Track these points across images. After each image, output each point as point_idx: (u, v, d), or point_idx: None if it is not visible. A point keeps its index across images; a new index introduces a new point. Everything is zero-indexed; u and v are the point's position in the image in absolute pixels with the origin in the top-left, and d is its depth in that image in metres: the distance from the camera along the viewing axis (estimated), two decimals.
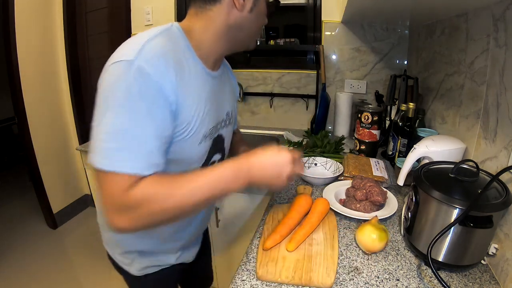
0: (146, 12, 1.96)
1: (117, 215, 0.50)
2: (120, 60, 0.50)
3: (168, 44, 0.55)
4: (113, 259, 0.80)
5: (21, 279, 1.83)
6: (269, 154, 0.59)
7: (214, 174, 0.55)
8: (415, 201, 0.67)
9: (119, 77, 0.49)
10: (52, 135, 2.28)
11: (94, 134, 0.50)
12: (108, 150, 0.49)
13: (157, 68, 0.50)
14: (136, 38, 0.54)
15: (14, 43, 1.91)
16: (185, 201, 0.53)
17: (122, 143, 0.49)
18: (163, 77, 0.51)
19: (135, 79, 0.48)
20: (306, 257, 0.66)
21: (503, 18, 0.67)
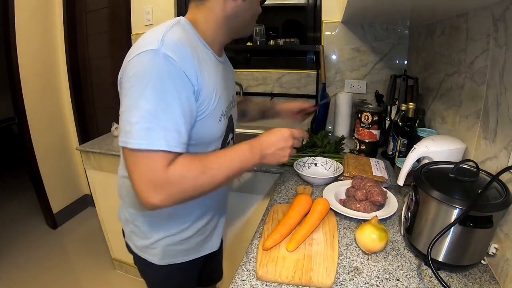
0: (146, 12, 1.96)
1: (154, 192, 0.54)
2: (145, 50, 0.55)
3: (183, 34, 0.61)
4: (135, 252, 0.82)
5: (21, 279, 1.83)
6: (273, 133, 0.70)
7: (235, 153, 0.65)
8: (415, 201, 0.67)
9: (149, 64, 0.54)
10: (52, 135, 2.28)
11: (126, 118, 0.55)
12: (145, 130, 0.53)
13: (180, 55, 0.56)
14: (153, 31, 0.60)
15: (14, 43, 1.91)
16: (215, 176, 0.61)
17: (157, 123, 0.54)
18: (186, 62, 0.57)
19: (163, 65, 0.54)
20: (306, 257, 0.66)
21: (503, 18, 0.67)
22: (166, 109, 0.55)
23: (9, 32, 1.88)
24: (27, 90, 2.02)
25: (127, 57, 0.59)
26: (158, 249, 0.78)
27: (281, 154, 0.70)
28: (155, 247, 0.78)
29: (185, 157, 0.58)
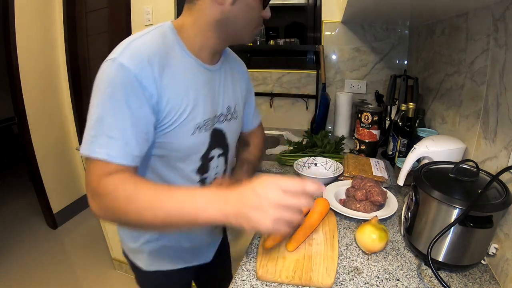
0: (146, 12, 1.96)
1: (91, 199, 0.54)
2: (108, 59, 0.54)
3: (154, 41, 0.58)
4: (127, 254, 0.81)
5: (21, 279, 1.83)
6: (253, 182, 0.49)
7: (184, 193, 0.51)
8: (415, 201, 0.67)
9: (103, 73, 0.54)
10: (52, 135, 2.28)
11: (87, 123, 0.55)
12: (89, 137, 0.53)
13: (136, 63, 0.53)
14: (125, 40, 0.58)
15: (14, 43, 1.91)
16: (142, 212, 0.50)
17: (100, 130, 0.52)
18: (142, 70, 0.54)
19: (115, 73, 0.53)
20: (306, 257, 0.66)
21: (503, 18, 0.67)
22: (113, 118, 0.52)
23: (9, 32, 1.88)
24: (27, 90, 2.02)
25: None
26: (145, 253, 0.77)
27: (256, 214, 0.46)
28: (142, 250, 0.77)
29: (126, 176, 0.53)
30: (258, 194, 0.46)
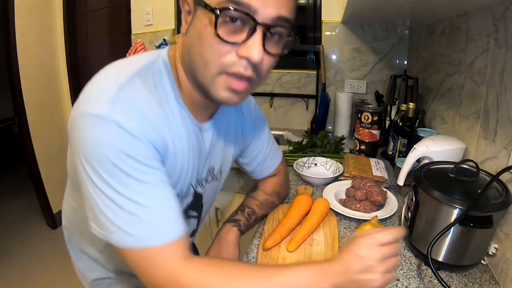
0: (146, 12, 1.96)
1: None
2: (92, 112, 0.41)
3: (147, 88, 0.46)
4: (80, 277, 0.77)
5: (21, 279, 1.83)
6: (351, 248, 0.49)
7: (290, 275, 0.47)
8: (415, 201, 0.67)
9: (100, 138, 0.41)
10: (52, 135, 2.28)
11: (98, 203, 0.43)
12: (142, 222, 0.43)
13: (138, 123, 0.43)
14: (106, 81, 0.45)
15: (14, 43, 1.91)
16: None
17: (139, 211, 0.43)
18: (148, 131, 0.44)
19: (119, 140, 0.41)
20: (306, 258, 0.66)
21: (503, 18, 0.67)
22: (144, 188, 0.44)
23: (9, 32, 1.88)
24: (27, 90, 2.02)
25: (76, 106, 0.43)
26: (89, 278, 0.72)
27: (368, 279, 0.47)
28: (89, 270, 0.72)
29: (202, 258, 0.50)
30: (362, 257, 0.47)
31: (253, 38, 0.43)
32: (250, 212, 0.77)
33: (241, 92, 0.47)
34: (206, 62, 0.45)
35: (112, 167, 0.41)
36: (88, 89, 0.45)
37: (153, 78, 0.48)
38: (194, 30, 0.46)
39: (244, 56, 0.43)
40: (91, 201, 0.43)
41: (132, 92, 0.44)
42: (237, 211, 0.78)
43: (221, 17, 0.41)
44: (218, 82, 0.46)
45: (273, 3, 0.42)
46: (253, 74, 0.46)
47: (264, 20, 0.42)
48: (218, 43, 0.43)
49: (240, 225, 0.74)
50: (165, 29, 1.93)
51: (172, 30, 1.93)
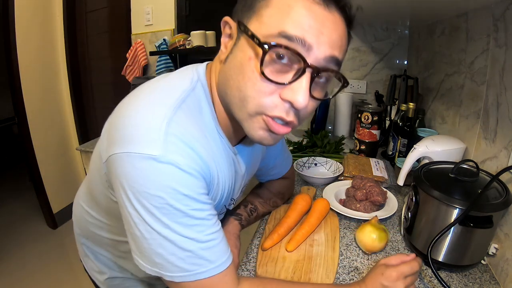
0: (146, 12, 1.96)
1: None
2: (145, 155, 0.38)
3: (191, 118, 0.44)
4: (88, 272, 0.77)
5: (21, 279, 1.83)
6: (378, 277, 0.52)
7: None
8: (415, 201, 0.67)
9: (156, 180, 0.39)
10: (52, 135, 2.28)
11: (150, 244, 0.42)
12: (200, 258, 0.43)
13: (192, 159, 0.41)
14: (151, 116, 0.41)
15: (14, 43, 1.91)
16: None
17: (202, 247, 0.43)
18: (200, 165, 0.43)
19: (176, 181, 0.40)
20: (306, 258, 0.66)
21: (503, 18, 0.67)
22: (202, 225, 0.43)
23: (9, 32, 1.88)
24: (27, 90, 2.02)
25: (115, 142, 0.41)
26: (103, 277, 0.73)
27: None
28: (101, 272, 0.73)
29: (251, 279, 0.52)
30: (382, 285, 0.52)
31: (300, 81, 0.40)
32: (252, 208, 0.78)
33: (279, 135, 0.45)
34: (244, 98, 0.42)
35: (169, 207, 0.40)
36: (127, 124, 0.41)
37: (195, 107, 0.46)
38: (235, 61, 0.43)
39: (288, 100, 0.40)
40: (141, 239, 0.42)
41: (181, 126, 0.41)
42: (240, 205, 0.78)
43: (270, 53, 0.39)
44: (255, 121, 0.44)
45: (328, 40, 0.40)
46: (295, 119, 0.43)
47: (315, 61, 0.40)
48: (262, 81, 0.40)
49: (242, 220, 0.74)
50: (165, 29, 1.93)
51: (172, 30, 1.93)
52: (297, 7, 0.38)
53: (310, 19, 0.38)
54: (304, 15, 0.38)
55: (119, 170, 0.40)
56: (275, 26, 0.39)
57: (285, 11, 0.39)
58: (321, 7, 0.39)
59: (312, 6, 0.39)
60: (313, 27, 0.38)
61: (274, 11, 0.39)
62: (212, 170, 0.46)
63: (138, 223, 0.41)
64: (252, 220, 0.78)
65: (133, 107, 0.42)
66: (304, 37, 0.38)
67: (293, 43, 0.38)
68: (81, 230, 0.70)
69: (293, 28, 0.38)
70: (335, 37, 0.40)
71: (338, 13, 0.41)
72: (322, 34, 0.39)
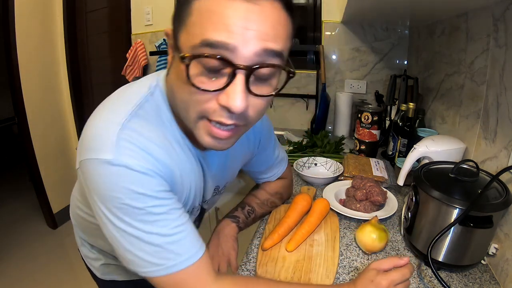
0: (146, 12, 1.96)
1: None
2: (99, 159, 0.41)
3: (147, 122, 0.46)
4: (83, 258, 0.78)
5: (21, 279, 1.83)
6: (368, 285, 0.52)
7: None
8: (415, 201, 0.67)
9: (111, 183, 0.41)
10: (52, 135, 2.28)
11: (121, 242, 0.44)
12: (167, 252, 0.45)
13: (145, 159, 0.43)
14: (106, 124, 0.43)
15: (14, 43, 1.91)
16: None
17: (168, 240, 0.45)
18: (155, 165, 0.44)
19: (130, 181, 0.42)
20: (306, 258, 0.66)
21: (503, 18, 0.67)
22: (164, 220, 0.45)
23: (9, 32, 1.88)
24: (27, 90, 2.02)
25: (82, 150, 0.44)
26: (98, 263, 0.74)
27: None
28: (96, 259, 0.74)
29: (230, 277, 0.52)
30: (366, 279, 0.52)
31: (233, 85, 0.38)
32: (250, 210, 0.78)
33: (226, 139, 0.45)
34: (186, 108, 0.43)
35: (128, 207, 0.42)
36: (89, 133, 0.44)
37: (153, 112, 0.47)
38: (175, 73, 0.43)
39: (224, 105, 0.39)
40: (113, 239, 0.45)
41: (134, 130, 0.43)
42: (237, 207, 0.78)
43: (194, 64, 0.38)
44: (200, 127, 0.44)
45: (257, 34, 0.37)
46: (239, 121, 0.43)
47: (246, 59, 0.38)
48: (196, 91, 0.39)
49: (239, 222, 0.75)
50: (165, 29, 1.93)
51: None
52: (216, 9, 0.37)
53: (231, 18, 0.36)
54: (225, 15, 0.36)
55: (85, 176, 0.44)
56: (198, 35, 0.38)
57: (205, 16, 0.37)
58: (242, 1, 0.36)
59: (232, 4, 0.36)
60: (236, 25, 0.36)
61: (195, 18, 0.38)
62: (172, 169, 0.48)
63: (107, 224, 0.44)
64: (250, 222, 0.78)
65: (95, 117, 0.46)
66: (226, 40, 0.36)
67: (216, 49, 0.37)
68: (77, 222, 0.72)
69: (214, 34, 0.37)
70: (265, 28, 0.38)
71: (266, 0, 0.38)
72: (247, 29, 0.37)
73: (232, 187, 1.33)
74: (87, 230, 0.71)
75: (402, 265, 0.54)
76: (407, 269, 0.53)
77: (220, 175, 0.64)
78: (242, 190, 1.33)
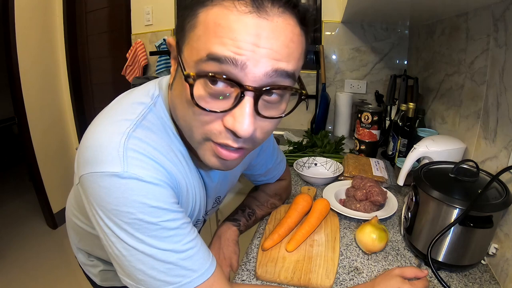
0: (146, 12, 1.96)
1: None
2: (107, 173, 0.38)
3: (152, 132, 0.44)
4: (81, 265, 0.77)
5: (21, 279, 1.83)
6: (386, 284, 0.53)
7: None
8: (415, 201, 0.67)
9: (122, 197, 0.39)
10: (52, 135, 2.28)
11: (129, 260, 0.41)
12: (181, 269, 0.42)
13: (155, 169, 0.41)
14: (110, 136, 0.40)
15: (14, 43, 1.91)
16: None
17: (182, 257, 0.42)
18: (165, 175, 0.43)
19: (142, 194, 0.39)
20: (307, 258, 0.66)
21: (503, 18, 0.67)
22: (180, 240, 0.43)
23: (9, 32, 1.88)
24: (27, 90, 2.02)
25: (83, 164, 0.40)
26: (97, 270, 0.73)
27: None
28: (94, 266, 0.73)
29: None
30: None
31: (241, 107, 0.36)
32: (250, 212, 0.77)
33: (232, 160, 0.42)
34: (190, 128, 0.41)
35: (141, 223, 0.39)
36: (90, 145, 0.40)
37: (157, 122, 0.45)
38: (178, 89, 0.41)
39: (229, 128, 0.37)
40: (120, 258, 0.41)
41: (140, 141, 0.41)
42: (238, 210, 0.78)
43: (199, 83, 0.36)
44: (205, 148, 0.42)
45: (268, 52, 0.35)
46: (245, 145, 0.41)
47: (255, 80, 0.35)
48: (200, 111, 0.37)
49: (240, 225, 0.74)
50: (165, 29, 1.93)
51: (172, 30, 1.93)
52: (224, 23, 0.34)
53: (241, 33, 0.33)
54: (233, 30, 0.34)
55: (88, 191, 0.40)
56: (204, 48, 0.35)
57: (211, 29, 0.34)
58: (253, 15, 0.34)
59: (242, 17, 0.34)
60: (246, 41, 0.34)
61: (201, 31, 0.35)
62: (179, 180, 0.46)
63: (115, 241, 0.41)
64: (251, 224, 0.78)
65: (96, 128, 0.42)
66: (235, 57, 0.34)
67: (224, 65, 0.34)
68: (73, 230, 0.71)
69: (221, 48, 0.34)
70: (277, 47, 0.35)
71: (279, 16, 0.35)
72: (258, 47, 0.34)
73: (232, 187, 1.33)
74: (85, 240, 0.69)
75: (421, 276, 0.56)
76: (427, 281, 0.55)
77: (221, 186, 0.63)
78: (242, 191, 1.33)
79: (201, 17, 0.36)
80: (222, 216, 1.39)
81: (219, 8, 0.34)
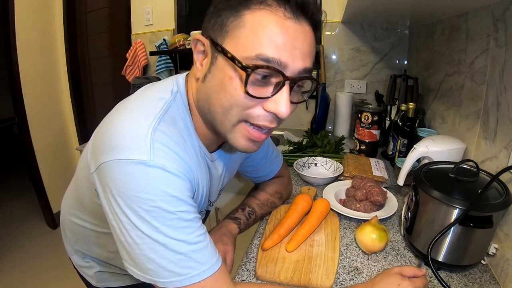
0: (146, 12, 1.96)
1: None
2: (133, 160, 0.40)
3: (174, 126, 0.48)
4: (75, 267, 0.77)
5: (21, 279, 1.83)
6: (386, 282, 0.55)
7: None
8: (415, 201, 0.67)
9: (145, 184, 0.41)
10: (52, 135, 2.28)
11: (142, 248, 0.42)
12: (191, 260, 0.44)
13: (178, 163, 0.44)
14: (137, 125, 0.43)
15: (14, 43, 1.91)
16: None
17: (192, 249, 0.44)
18: (185, 168, 0.45)
19: (165, 183, 0.42)
20: (307, 258, 0.66)
21: (503, 18, 0.67)
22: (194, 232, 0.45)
23: (9, 32, 1.89)
24: (27, 90, 2.02)
25: (103, 151, 0.43)
26: (92, 271, 0.73)
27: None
28: (90, 267, 0.73)
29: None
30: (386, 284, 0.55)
31: (281, 93, 0.44)
32: (250, 211, 0.78)
33: (261, 141, 0.50)
34: (227, 112, 0.46)
35: (159, 210, 0.41)
36: (114, 134, 0.43)
37: (176, 116, 0.49)
38: (216, 80, 0.45)
39: (271, 111, 0.45)
40: (132, 246, 0.43)
41: (165, 134, 0.44)
42: (238, 209, 0.78)
43: (252, 74, 0.41)
44: (237, 130, 0.47)
45: (300, 56, 0.43)
46: (277, 124, 0.48)
47: (292, 74, 0.43)
48: (245, 98, 0.43)
49: (240, 224, 0.75)
50: (165, 29, 1.93)
51: (172, 30, 1.93)
52: (270, 26, 0.41)
53: (284, 36, 0.41)
54: (278, 33, 0.41)
55: (109, 178, 0.42)
56: (252, 48, 0.41)
57: (259, 31, 0.41)
58: (292, 21, 0.42)
59: (285, 22, 0.41)
60: (287, 44, 0.41)
61: (248, 31, 0.41)
62: (195, 175, 0.50)
63: (130, 229, 0.42)
64: (251, 223, 0.78)
65: (121, 118, 0.45)
66: (279, 58, 0.41)
67: (270, 63, 0.41)
68: (71, 231, 0.72)
69: (269, 50, 0.41)
70: (306, 49, 0.44)
71: (306, 23, 0.44)
72: (295, 48, 0.42)
73: (232, 187, 1.33)
74: (82, 239, 0.69)
75: (420, 275, 0.57)
76: (426, 280, 0.57)
77: (226, 177, 0.68)
78: (242, 190, 1.33)
79: (247, 18, 0.42)
80: (222, 216, 1.39)
81: (265, 12, 0.41)
